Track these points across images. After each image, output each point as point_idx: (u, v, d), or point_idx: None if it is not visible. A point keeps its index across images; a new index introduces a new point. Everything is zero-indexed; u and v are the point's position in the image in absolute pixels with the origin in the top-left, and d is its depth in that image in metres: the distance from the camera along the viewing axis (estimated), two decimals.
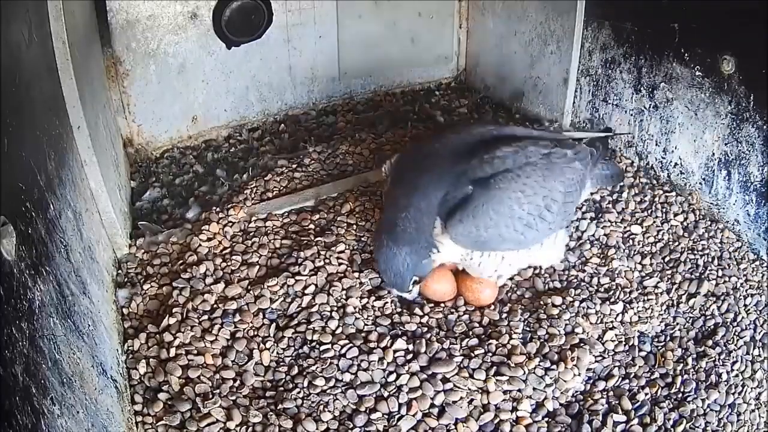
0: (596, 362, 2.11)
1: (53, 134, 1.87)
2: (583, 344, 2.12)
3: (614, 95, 3.15)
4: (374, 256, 2.20)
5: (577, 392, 2.04)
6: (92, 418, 1.50)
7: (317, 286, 2.29)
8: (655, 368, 2.12)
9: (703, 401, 2.02)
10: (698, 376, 2.10)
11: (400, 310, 2.27)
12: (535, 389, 1.99)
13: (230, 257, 2.42)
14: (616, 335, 2.19)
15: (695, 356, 2.16)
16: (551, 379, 2.02)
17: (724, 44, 2.53)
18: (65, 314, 1.55)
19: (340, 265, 2.38)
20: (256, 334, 2.13)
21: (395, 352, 2.07)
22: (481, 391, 1.98)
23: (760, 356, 2.19)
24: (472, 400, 1.95)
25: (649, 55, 2.90)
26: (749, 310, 2.36)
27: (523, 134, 2.33)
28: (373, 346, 2.10)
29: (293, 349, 2.09)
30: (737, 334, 2.25)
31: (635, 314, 2.28)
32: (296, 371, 2.01)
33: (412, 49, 4.00)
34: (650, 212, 2.77)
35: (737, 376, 2.12)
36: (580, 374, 2.05)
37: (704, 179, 2.78)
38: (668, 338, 2.23)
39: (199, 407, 1.88)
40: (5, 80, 1.46)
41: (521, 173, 2.03)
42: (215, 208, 2.68)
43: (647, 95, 2.97)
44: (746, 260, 2.57)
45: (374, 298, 2.28)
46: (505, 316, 2.26)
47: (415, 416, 1.90)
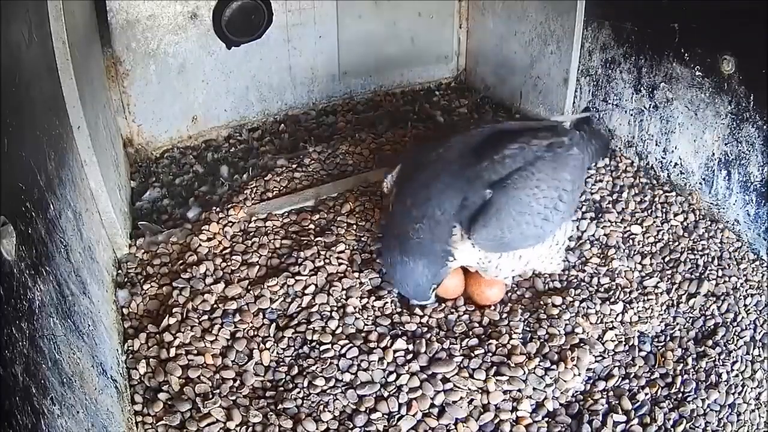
0: (596, 362, 2.11)
1: (53, 134, 1.87)
2: (583, 344, 2.12)
3: (614, 95, 3.15)
4: (388, 270, 2.14)
5: (577, 392, 2.04)
6: (92, 418, 1.50)
7: (317, 286, 2.29)
8: (655, 368, 2.12)
9: (703, 401, 2.02)
10: (698, 376, 2.10)
11: (400, 310, 2.27)
12: (535, 389, 1.99)
13: (230, 257, 2.42)
14: (616, 335, 2.19)
15: (695, 356, 2.16)
16: (551, 379, 2.02)
17: (724, 44, 2.53)
18: (65, 314, 1.55)
19: (340, 265, 2.38)
20: (256, 334, 2.13)
21: (395, 352, 2.07)
22: (481, 391, 1.98)
23: (760, 356, 2.19)
24: (472, 400, 1.95)
25: (649, 55, 2.90)
26: (749, 310, 2.36)
27: (519, 128, 2.33)
28: (373, 346, 2.10)
29: (293, 349, 2.09)
30: (737, 334, 2.25)
31: (635, 314, 2.28)
32: (296, 371, 2.01)
33: (412, 49, 3.99)
34: (650, 212, 2.77)
35: (737, 376, 2.12)
36: (580, 374, 2.05)
37: (704, 179, 2.78)
38: (668, 338, 2.23)
39: (199, 407, 1.88)
40: (5, 80, 1.46)
41: (533, 169, 2.05)
42: (215, 208, 2.68)
43: (647, 95, 2.97)
44: (746, 260, 2.57)
45: (374, 298, 2.29)
46: (505, 316, 2.26)
47: (415, 416, 1.90)
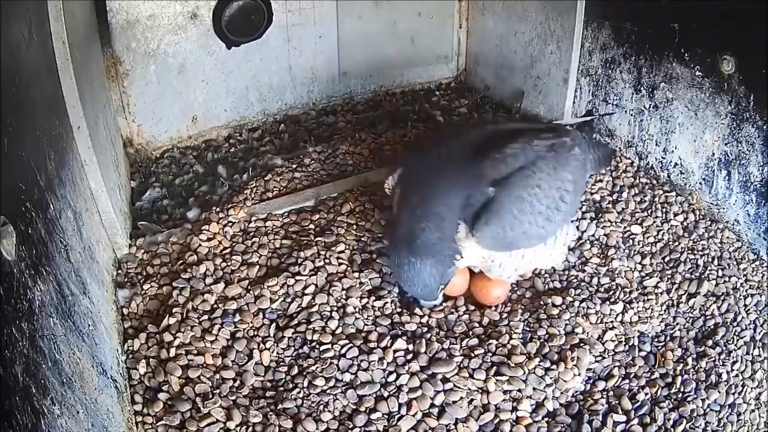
0: (596, 362, 2.11)
1: (53, 134, 1.87)
2: (583, 344, 2.12)
3: (614, 95, 3.15)
4: (395, 271, 2.12)
5: (577, 392, 2.04)
6: (92, 418, 1.50)
7: (317, 286, 2.29)
8: (655, 368, 2.12)
9: (703, 401, 2.02)
10: (698, 376, 2.10)
11: (400, 310, 2.27)
12: (535, 389, 1.99)
13: (230, 257, 2.42)
14: (616, 335, 2.19)
15: (695, 356, 2.16)
16: (551, 379, 2.02)
17: (724, 44, 2.53)
18: (65, 314, 1.55)
19: (340, 265, 2.38)
20: (256, 334, 2.13)
21: (395, 352, 2.07)
22: (481, 391, 1.98)
23: (760, 356, 2.19)
24: (472, 400, 1.95)
25: (649, 55, 2.90)
26: (749, 310, 2.36)
27: (521, 127, 2.33)
28: (373, 346, 2.10)
29: (293, 349, 2.09)
30: (737, 334, 2.25)
31: (635, 314, 2.28)
32: (296, 371, 2.01)
33: (412, 49, 4.00)
34: (650, 212, 2.77)
35: (737, 376, 2.12)
36: (580, 374, 2.05)
37: (704, 179, 2.78)
38: (668, 338, 2.23)
39: (199, 407, 1.88)
40: (5, 80, 1.46)
41: (535, 169, 2.05)
42: (215, 208, 2.68)
43: (647, 95, 2.97)
44: (746, 260, 2.57)
45: (374, 298, 2.28)
46: (505, 316, 2.26)
47: (415, 416, 1.90)
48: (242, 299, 2.22)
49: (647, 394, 2.03)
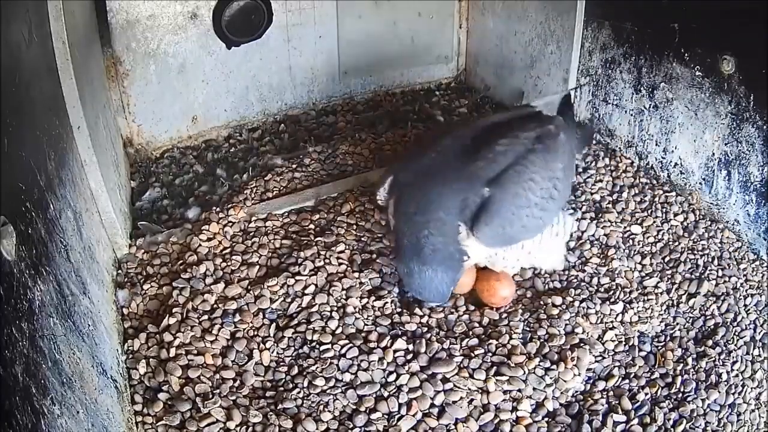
0: (596, 362, 2.11)
1: (53, 134, 1.87)
2: (583, 344, 2.12)
3: (614, 95, 3.15)
4: (405, 279, 2.10)
5: (577, 392, 2.04)
6: (92, 418, 1.50)
7: (317, 286, 2.29)
8: (655, 368, 2.12)
9: (703, 401, 2.02)
10: (698, 376, 2.10)
11: (400, 310, 2.27)
12: (535, 389, 1.99)
13: (230, 257, 2.42)
14: (616, 335, 2.19)
15: (695, 356, 2.16)
16: (551, 379, 2.02)
17: (724, 44, 2.53)
18: (65, 314, 1.55)
19: (340, 265, 2.38)
20: (256, 334, 2.13)
21: (395, 352, 2.07)
22: (481, 391, 1.98)
23: (760, 356, 2.19)
24: (472, 400, 1.95)
25: (649, 55, 2.90)
26: (749, 310, 2.36)
27: (504, 119, 2.34)
28: (373, 346, 2.10)
29: (293, 349, 2.09)
30: (737, 334, 2.25)
31: (635, 314, 2.28)
32: (296, 371, 2.01)
33: (412, 49, 4.00)
34: (650, 212, 2.77)
35: (737, 376, 2.12)
36: (580, 374, 2.05)
37: (704, 179, 2.78)
38: (668, 338, 2.23)
39: (199, 407, 1.88)
40: (5, 80, 1.46)
41: (527, 162, 2.06)
42: (215, 208, 2.68)
43: (647, 95, 2.97)
44: (746, 260, 2.57)
45: (374, 298, 2.28)
46: (505, 316, 2.26)
47: (415, 416, 1.90)
48: (242, 299, 2.22)
49: (647, 394, 2.03)
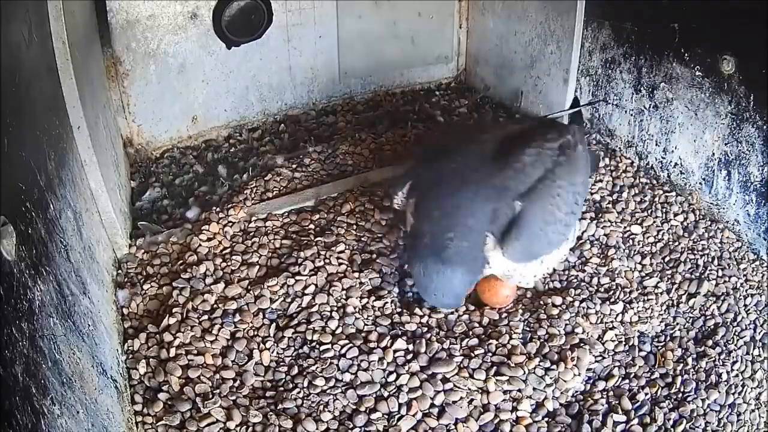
0: (596, 362, 2.11)
1: (53, 134, 1.87)
2: (583, 344, 2.12)
3: (614, 95, 3.15)
4: (418, 281, 2.08)
5: (577, 392, 2.04)
6: (92, 418, 1.50)
7: (317, 286, 2.29)
8: (655, 368, 2.12)
9: (703, 401, 2.02)
10: (698, 376, 2.10)
11: (400, 310, 2.27)
12: (535, 389, 1.99)
13: (230, 257, 2.42)
14: (616, 335, 2.19)
15: (695, 356, 2.16)
16: (551, 379, 2.02)
17: (724, 44, 2.53)
18: (65, 314, 1.55)
19: (340, 265, 2.38)
20: (256, 334, 2.13)
21: (395, 352, 2.07)
22: (481, 391, 1.98)
23: (760, 356, 2.19)
24: (472, 400, 1.95)
25: (649, 55, 2.90)
26: (749, 310, 2.36)
27: (524, 129, 2.33)
28: (373, 346, 2.10)
29: (293, 349, 2.09)
30: (737, 334, 2.25)
31: (635, 314, 2.28)
32: (296, 371, 2.01)
33: (412, 49, 3.99)
34: (650, 212, 2.77)
35: (737, 376, 2.12)
36: (580, 374, 2.05)
37: (704, 179, 2.78)
38: (668, 338, 2.23)
39: (199, 407, 1.88)
40: (5, 80, 1.46)
41: (554, 177, 2.05)
42: (215, 208, 2.68)
43: (647, 95, 2.97)
44: (746, 260, 2.57)
45: (374, 298, 2.28)
46: (505, 316, 2.26)
47: (415, 416, 1.90)
48: (242, 299, 2.22)
49: (647, 394, 2.03)
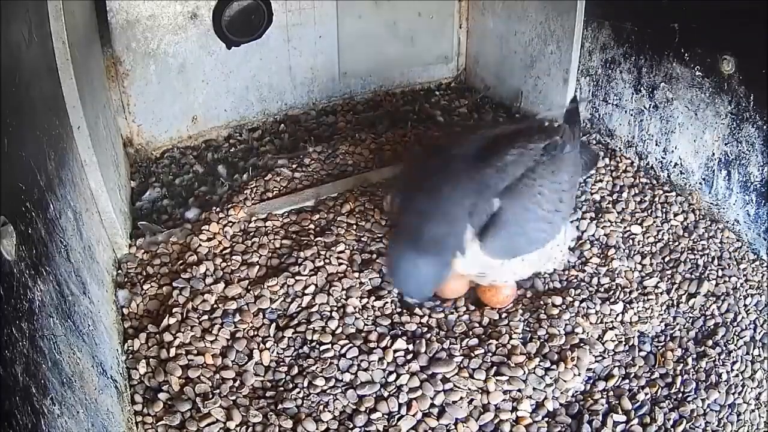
0: (596, 362, 2.11)
1: (53, 134, 1.87)
2: (583, 344, 2.12)
3: (614, 95, 3.15)
4: (389, 267, 2.10)
5: (577, 392, 2.04)
6: (92, 418, 1.50)
7: (317, 286, 2.29)
8: (655, 368, 2.12)
9: (703, 401, 2.02)
10: (698, 376, 2.10)
11: (400, 310, 2.27)
12: (535, 389, 1.99)
13: (230, 257, 2.42)
14: (616, 335, 2.19)
15: (695, 356, 2.16)
16: (551, 379, 2.02)
17: (724, 44, 2.53)
18: (65, 314, 1.55)
19: (340, 265, 2.38)
20: (256, 334, 2.13)
21: (395, 352, 2.07)
22: (481, 391, 1.98)
23: (760, 356, 2.19)
24: (472, 400, 1.95)
25: (649, 55, 2.90)
26: (749, 310, 2.36)
27: (513, 130, 2.33)
28: (373, 346, 2.10)
29: (293, 349, 2.09)
30: (737, 334, 2.25)
31: (635, 314, 2.28)
32: (296, 371, 2.01)
33: (412, 49, 3.99)
34: (650, 212, 2.77)
35: (737, 376, 2.12)
36: (580, 374, 2.05)
37: (704, 179, 2.78)
38: (668, 338, 2.23)
39: (199, 407, 1.88)
40: (5, 80, 1.46)
41: (535, 176, 2.05)
42: (215, 208, 2.68)
43: (647, 95, 2.97)
44: (746, 260, 2.57)
45: (374, 298, 2.28)
46: (505, 316, 2.26)
47: (415, 416, 1.90)
48: (242, 299, 2.22)
49: (647, 394, 2.03)
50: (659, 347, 2.20)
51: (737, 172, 2.62)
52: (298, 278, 2.29)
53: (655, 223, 2.71)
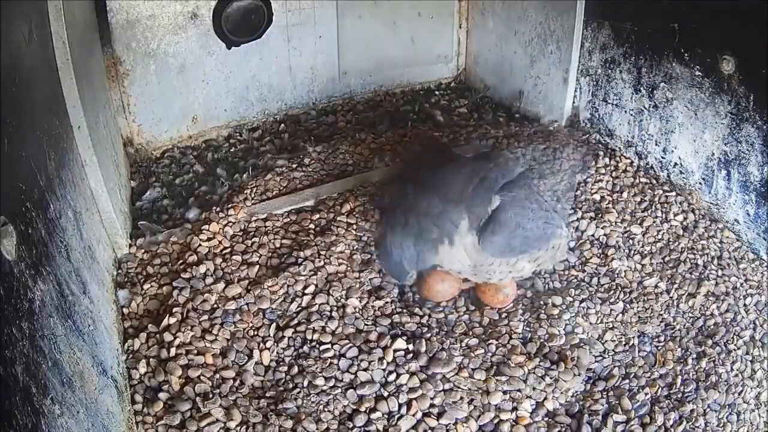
0: (596, 362, 2.11)
1: (53, 134, 1.87)
2: (583, 344, 2.13)
3: (614, 95, 3.15)
4: (379, 248, 2.12)
5: (577, 392, 2.04)
6: (92, 418, 1.50)
7: (317, 286, 2.29)
8: (655, 368, 2.12)
9: (703, 401, 2.02)
10: (698, 376, 2.10)
11: (400, 310, 2.27)
12: (535, 389, 1.99)
13: (230, 257, 2.42)
14: (616, 335, 2.20)
15: (695, 356, 2.16)
16: (551, 379, 2.02)
17: (724, 44, 2.53)
18: (65, 314, 1.55)
19: (340, 265, 2.38)
20: (256, 334, 2.13)
21: (395, 351, 2.07)
22: (481, 391, 1.98)
23: (760, 356, 2.19)
24: (472, 400, 1.95)
25: (649, 55, 2.90)
26: (749, 310, 2.36)
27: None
28: (373, 346, 2.10)
29: (293, 349, 2.09)
30: (737, 334, 2.25)
31: (635, 314, 2.28)
32: (296, 371, 2.02)
33: (412, 49, 3.99)
34: (650, 212, 2.76)
35: (737, 376, 2.12)
36: (580, 374, 2.05)
37: (704, 179, 2.78)
38: (668, 338, 2.23)
39: (199, 407, 1.88)
40: (5, 80, 1.46)
41: (532, 175, 2.07)
42: (215, 208, 2.68)
43: (647, 95, 2.97)
44: (746, 260, 2.57)
45: (374, 298, 2.29)
46: (505, 316, 2.26)
47: (415, 416, 1.90)
48: (242, 299, 2.22)
49: (647, 394, 2.03)
50: (659, 347, 2.20)
51: (737, 171, 2.62)
52: (298, 278, 2.30)
53: (654, 223, 2.71)
